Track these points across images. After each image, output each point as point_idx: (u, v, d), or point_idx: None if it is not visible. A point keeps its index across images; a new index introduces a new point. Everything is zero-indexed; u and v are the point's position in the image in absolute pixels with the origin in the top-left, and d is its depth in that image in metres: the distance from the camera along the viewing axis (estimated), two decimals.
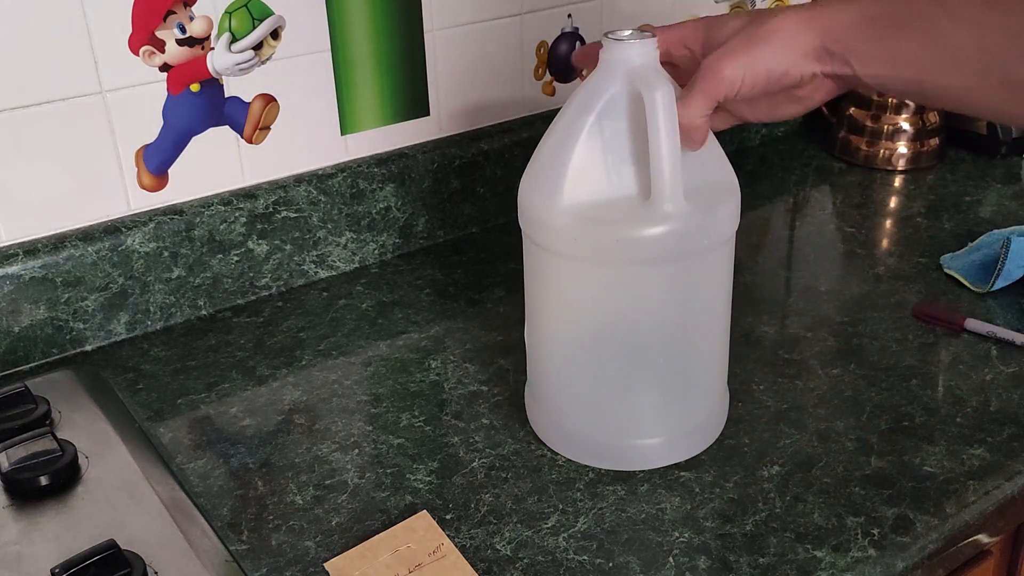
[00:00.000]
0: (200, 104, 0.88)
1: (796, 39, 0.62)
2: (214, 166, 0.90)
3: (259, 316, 0.92)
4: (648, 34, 0.64)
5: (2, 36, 0.77)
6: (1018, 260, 0.90)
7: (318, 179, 0.95)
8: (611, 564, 0.63)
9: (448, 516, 0.67)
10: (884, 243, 1.04)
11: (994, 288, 0.90)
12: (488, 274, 0.98)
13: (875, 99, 1.20)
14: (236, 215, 0.91)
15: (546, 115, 1.09)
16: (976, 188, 1.15)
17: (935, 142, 1.20)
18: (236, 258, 0.92)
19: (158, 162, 0.88)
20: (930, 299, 0.91)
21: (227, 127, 0.90)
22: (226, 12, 0.86)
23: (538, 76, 1.09)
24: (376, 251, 1.01)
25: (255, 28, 0.88)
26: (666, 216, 0.62)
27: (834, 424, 0.75)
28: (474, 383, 0.81)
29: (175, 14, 0.84)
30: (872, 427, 0.74)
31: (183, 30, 0.84)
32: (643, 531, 0.65)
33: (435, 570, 0.62)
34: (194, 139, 0.89)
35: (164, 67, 0.85)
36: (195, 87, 0.87)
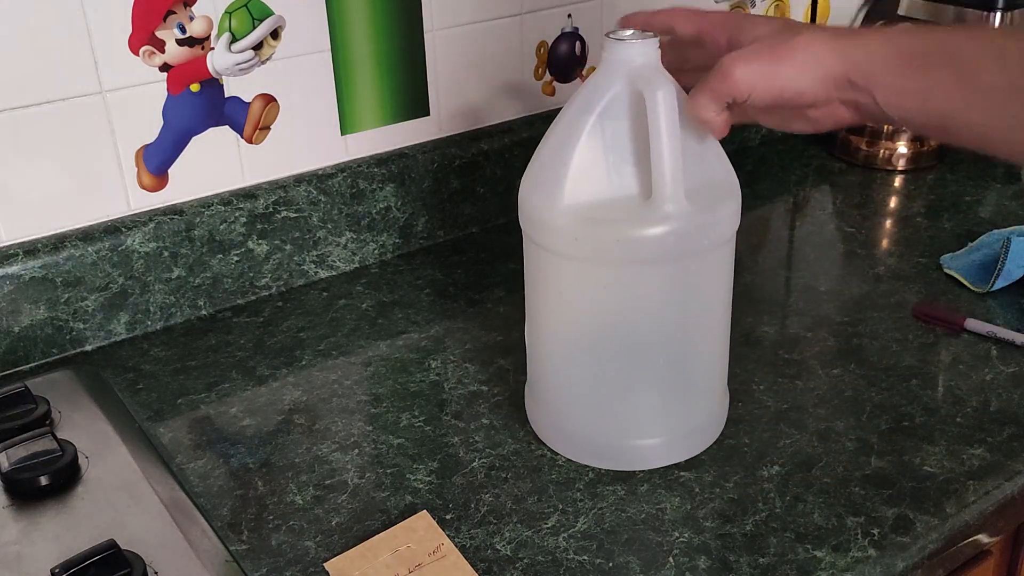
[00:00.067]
0: (200, 104, 0.88)
1: (819, 61, 0.60)
2: (214, 166, 0.90)
3: (259, 316, 0.92)
4: (649, 34, 0.64)
5: (2, 36, 0.77)
6: (1018, 260, 0.90)
7: (318, 179, 0.95)
8: (611, 564, 0.63)
9: (448, 516, 0.67)
10: (884, 243, 1.04)
11: (994, 288, 0.90)
12: (488, 274, 0.98)
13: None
14: (236, 215, 0.91)
15: (546, 115, 1.09)
16: (976, 188, 1.15)
17: (935, 142, 1.20)
18: (236, 258, 0.92)
19: (158, 162, 0.88)
20: (930, 299, 0.91)
21: (227, 127, 0.90)
22: (226, 12, 0.86)
23: (538, 76, 1.09)
24: (376, 251, 1.01)
25: (255, 28, 0.88)
26: (667, 216, 0.62)
27: (834, 424, 0.75)
28: (474, 383, 0.81)
29: (175, 14, 0.84)
30: (872, 427, 0.74)
31: (183, 30, 0.84)
32: (643, 531, 0.65)
33: (435, 570, 0.62)
34: (194, 139, 0.89)
35: (164, 67, 0.85)
36: (195, 87, 0.87)
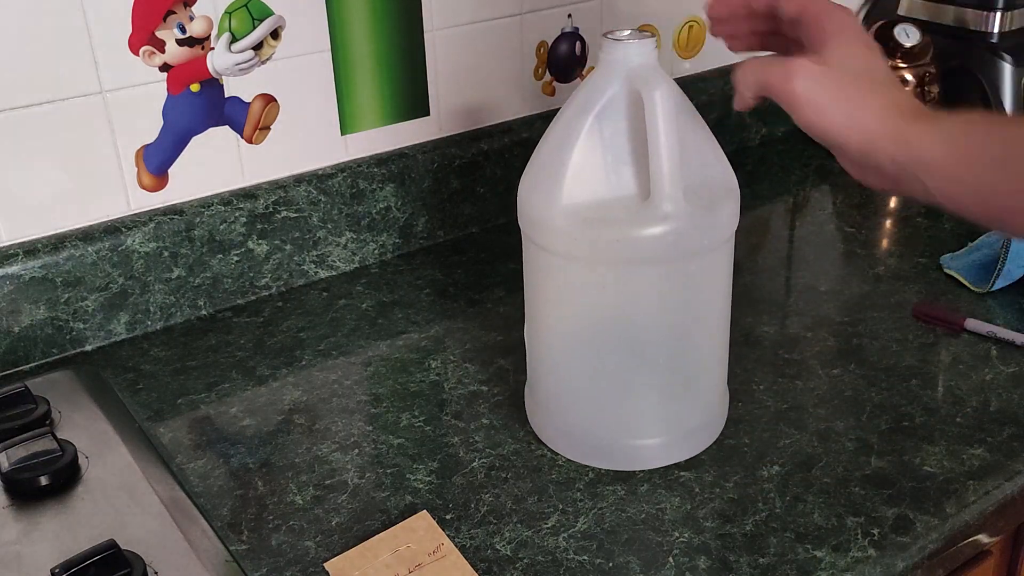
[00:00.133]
0: (200, 104, 0.88)
1: (877, 134, 0.57)
2: (214, 166, 0.90)
3: (259, 316, 0.92)
4: (647, 34, 0.64)
5: (2, 36, 0.77)
6: (1018, 260, 0.90)
7: (318, 179, 0.95)
8: (611, 564, 0.63)
9: (448, 516, 0.67)
10: (884, 243, 1.04)
11: (994, 288, 0.90)
12: (488, 274, 0.98)
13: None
14: (236, 215, 0.91)
15: (546, 115, 1.09)
16: None
17: None
18: (236, 258, 0.92)
19: (158, 162, 0.88)
20: (930, 299, 0.90)
21: (227, 127, 0.90)
22: (226, 12, 0.86)
23: (538, 76, 1.09)
24: (376, 251, 1.01)
25: (255, 28, 0.88)
26: (665, 216, 0.62)
27: (834, 424, 0.75)
28: (474, 383, 0.81)
29: (175, 14, 0.84)
30: (872, 427, 0.74)
31: (183, 30, 0.84)
32: (643, 531, 0.65)
33: (435, 570, 0.62)
34: (194, 139, 0.89)
35: (164, 67, 0.85)
36: (195, 87, 0.87)
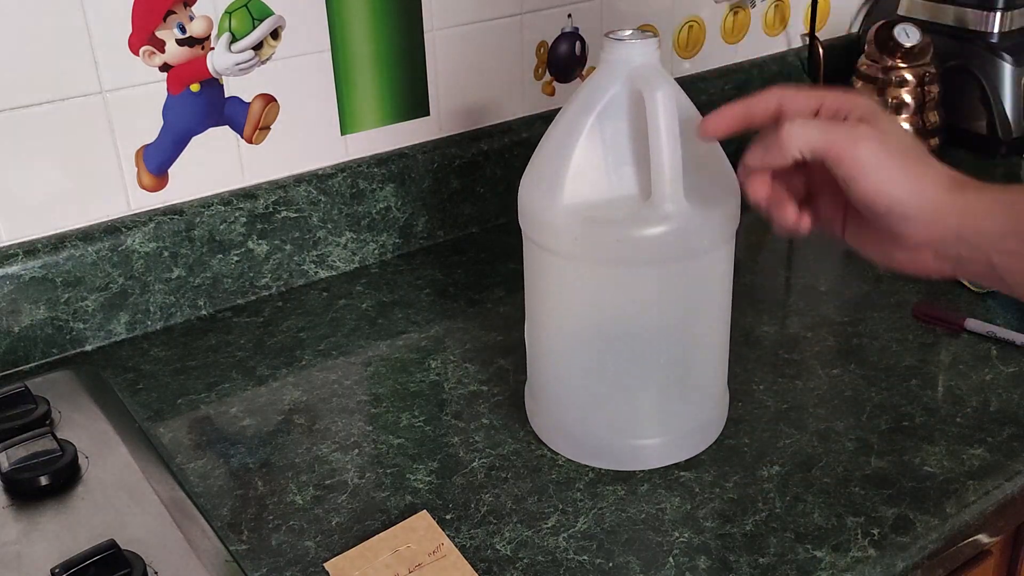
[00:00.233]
0: (200, 104, 0.88)
1: (939, 203, 0.56)
2: (214, 166, 0.90)
3: (259, 316, 0.92)
4: (649, 34, 0.64)
5: (2, 36, 0.77)
6: None
7: (318, 179, 0.95)
8: (611, 564, 0.63)
9: (448, 516, 0.67)
10: None
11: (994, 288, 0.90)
12: (488, 274, 0.98)
13: (875, 99, 1.20)
14: (236, 215, 0.91)
15: (546, 115, 1.09)
16: None
17: (935, 142, 1.20)
18: (236, 258, 0.92)
19: (158, 162, 0.88)
20: (930, 299, 0.90)
21: (227, 127, 0.90)
22: (226, 12, 0.86)
23: (538, 76, 1.09)
24: (376, 251, 1.01)
25: (255, 28, 0.88)
26: (666, 216, 0.62)
27: (834, 424, 0.75)
28: (474, 383, 0.81)
29: (175, 14, 0.84)
30: (872, 427, 0.74)
31: (183, 30, 0.84)
32: (643, 531, 0.65)
33: (435, 570, 0.62)
34: (194, 139, 0.89)
35: (164, 67, 0.85)
36: (195, 87, 0.87)
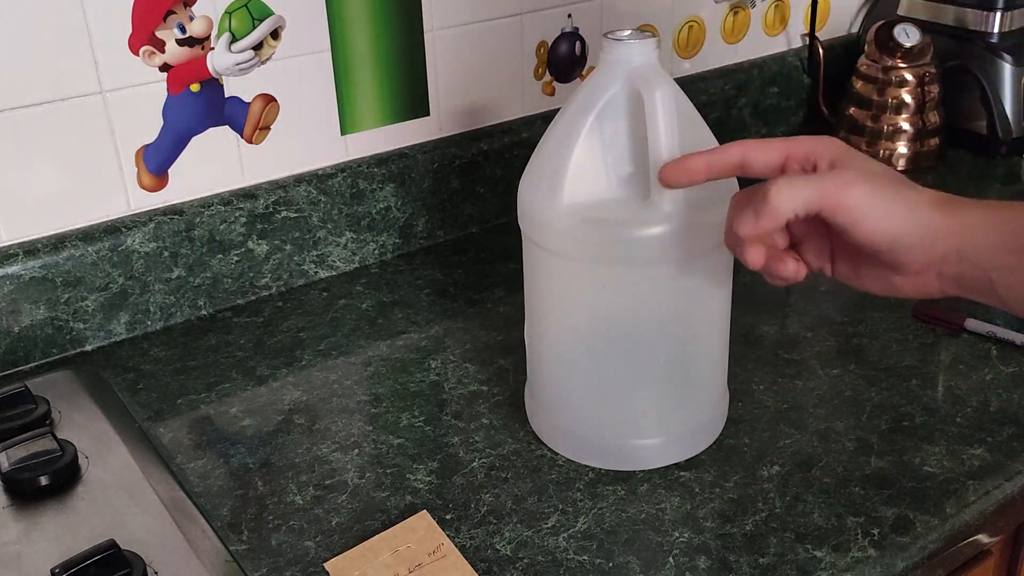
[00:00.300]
0: (200, 104, 0.88)
1: (934, 225, 0.56)
2: (214, 166, 0.90)
3: (259, 316, 0.92)
4: (648, 34, 0.64)
5: (2, 36, 0.77)
6: None
7: (318, 179, 0.95)
8: (611, 564, 0.63)
9: (448, 516, 0.67)
10: None
11: None
12: (488, 274, 0.98)
13: (875, 99, 1.20)
14: (236, 215, 0.91)
15: (546, 115, 1.09)
16: (976, 188, 1.15)
17: (935, 142, 1.20)
18: (236, 258, 0.92)
19: (158, 162, 0.88)
20: (930, 299, 0.90)
21: (227, 127, 0.90)
22: (226, 12, 0.86)
23: (538, 76, 1.09)
24: (376, 251, 1.01)
25: (255, 28, 0.88)
26: (666, 216, 0.62)
27: (834, 424, 0.75)
28: (474, 383, 0.81)
29: (175, 14, 0.84)
30: (872, 427, 0.74)
31: (183, 30, 0.84)
32: (643, 531, 0.65)
33: (435, 570, 0.62)
34: (194, 139, 0.89)
35: (164, 67, 0.85)
36: (195, 87, 0.87)
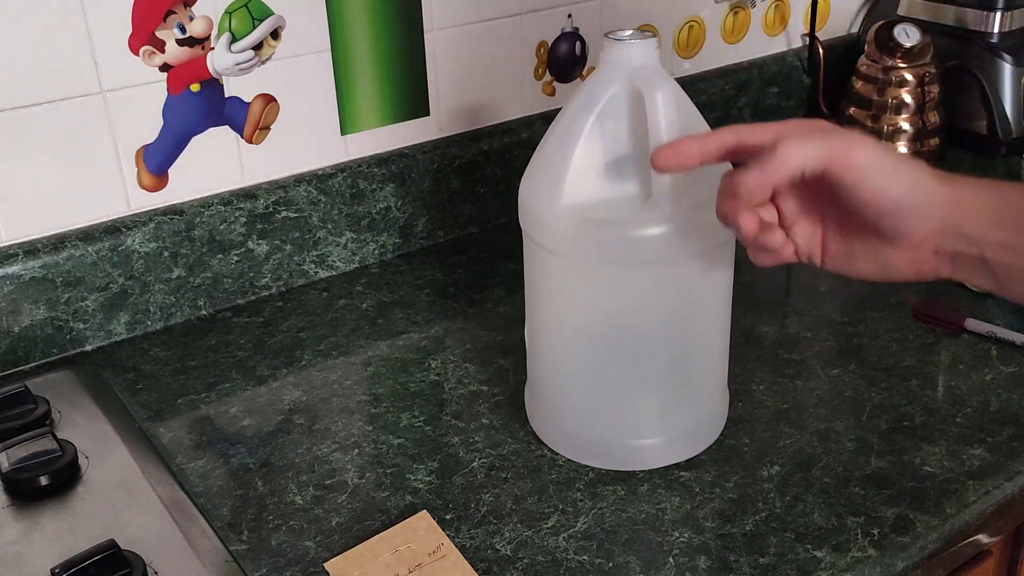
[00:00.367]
0: (200, 104, 0.88)
1: (936, 198, 0.56)
2: (214, 166, 0.90)
3: (259, 316, 0.92)
4: (648, 34, 0.64)
5: (2, 36, 0.77)
6: None
7: (318, 179, 0.95)
8: (611, 564, 0.63)
9: (448, 516, 0.67)
10: None
11: None
12: (488, 274, 0.98)
13: (875, 99, 1.20)
14: (236, 215, 0.91)
15: (546, 115, 1.09)
16: None
17: (935, 142, 1.20)
18: (236, 258, 0.92)
19: (158, 162, 0.88)
20: (930, 299, 0.90)
21: (227, 127, 0.90)
22: (226, 12, 0.86)
23: (538, 76, 1.09)
24: (376, 251, 1.01)
25: (255, 28, 0.88)
26: (666, 216, 0.62)
27: (834, 424, 0.75)
28: (474, 383, 0.81)
29: (175, 14, 0.84)
30: (872, 427, 0.74)
31: (183, 30, 0.84)
32: (643, 531, 0.65)
33: (435, 570, 0.62)
34: (194, 139, 0.89)
35: (164, 67, 0.85)
36: (195, 87, 0.87)
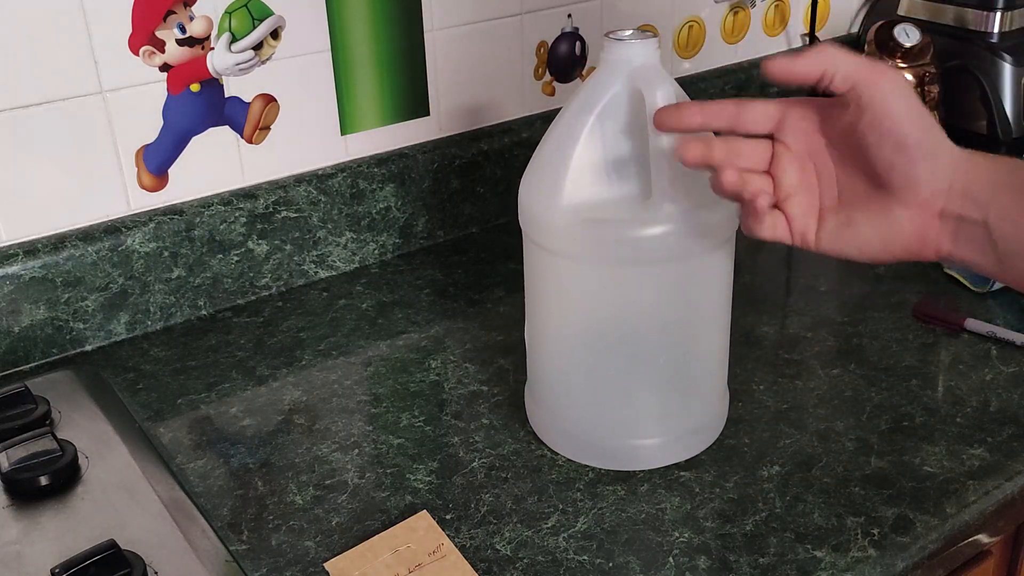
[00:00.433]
0: (200, 104, 0.88)
1: (953, 160, 0.57)
2: (214, 166, 0.90)
3: (259, 316, 0.92)
4: (649, 34, 0.64)
5: (2, 36, 0.77)
6: None
7: (318, 179, 0.95)
8: (611, 564, 0.63)
9: (448, 516, 0.67)
10: None
11: (994, 288, 0.90)
12: (488, 274, 0.98)
13: None
14: (236, 215, 0.91)
15: (546, 115, 1.09)
16: None
17: None
18: (236, 258, 0.92)
19: (158, 162, 0.88)
20: (930, 299, 0.90)
21: (227, 127, 0.90)
22: (226, 12, 0.86)
23: (538, 76, 1.09)
24: (376, 251, 1.01)
25: (255, 28, 0.88)
26: (666, 216, 0.62)
27: (834, 424, 0.75)
28: (474, 383, 0.81)
29: (175, 14, 0.84)
30: (872, 427, 0.74)
31: (183, 30, 0.84)
32: (643, 531, 0.65)
33: (435, 570, 0.62)
34: (194, 139, 0.89)
35: (164, 67, 0.85)
36: (195, 87, 0.87)
